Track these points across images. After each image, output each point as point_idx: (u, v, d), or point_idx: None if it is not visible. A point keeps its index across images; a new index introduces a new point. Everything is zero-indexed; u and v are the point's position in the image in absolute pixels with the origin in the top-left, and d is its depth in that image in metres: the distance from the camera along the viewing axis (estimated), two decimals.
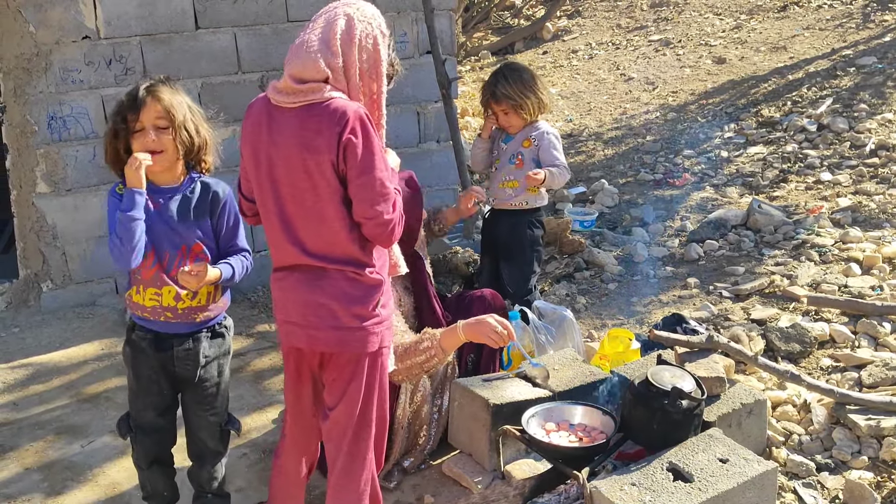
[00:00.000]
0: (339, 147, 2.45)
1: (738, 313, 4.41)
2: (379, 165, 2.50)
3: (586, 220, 5.77)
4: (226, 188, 2.95)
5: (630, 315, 4.61)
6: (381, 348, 2.67)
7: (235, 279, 2.89)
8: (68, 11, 5.05)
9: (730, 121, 7.53)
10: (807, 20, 9.78)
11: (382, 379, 2.73)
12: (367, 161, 2.47)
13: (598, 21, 11.76)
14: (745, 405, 3.31)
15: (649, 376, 3.11)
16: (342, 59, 2.51)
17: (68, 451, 3.86)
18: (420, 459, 3.51)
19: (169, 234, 2.84)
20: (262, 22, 5.46)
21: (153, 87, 2.80)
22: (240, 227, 2.98)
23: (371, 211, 2.50)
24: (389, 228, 2.54)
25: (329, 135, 2.45)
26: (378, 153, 2.50)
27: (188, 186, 2.89)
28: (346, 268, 2.57)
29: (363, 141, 2.47)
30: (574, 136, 8.06)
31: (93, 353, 4.78)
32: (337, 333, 2.59)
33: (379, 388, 2.72)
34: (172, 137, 2.79)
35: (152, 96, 2.78)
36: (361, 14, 2.57)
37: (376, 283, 2.62)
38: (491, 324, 3.14)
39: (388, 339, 2.71)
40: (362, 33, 2.54)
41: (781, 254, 5.02)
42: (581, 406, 3.27)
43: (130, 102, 2.80)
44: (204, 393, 2.97)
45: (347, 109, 2.46)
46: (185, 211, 2.86)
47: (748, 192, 6.11)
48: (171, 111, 2.78)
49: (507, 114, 4.20)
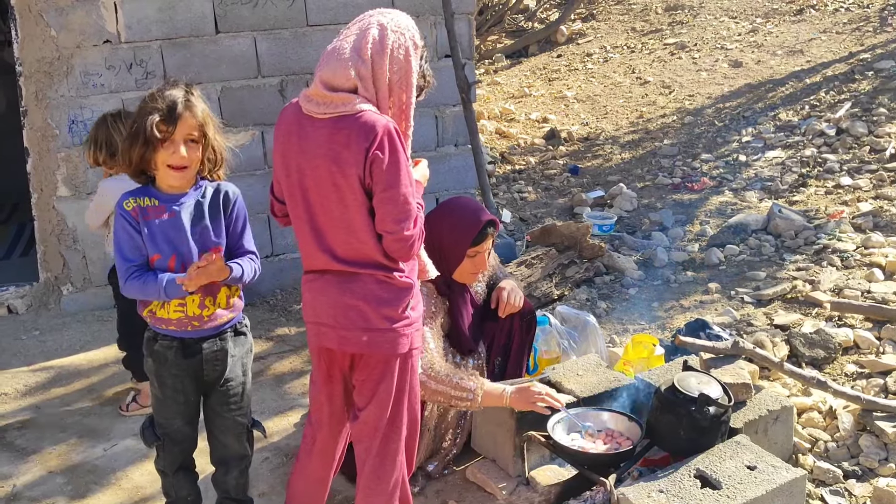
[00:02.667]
0: (366, 162, 2.46)
1: (760, 319, 4.39)
2: (404, 181, 2.50)
3: (605, 224, 5.76)
4: (236, 189, 2.92)
5: (652, 320, 4.59)
6: (412, 350, 2.68)
7: (244, 279, 2.84)
8: (90, 16, 5.07)
9: (747, 125, 7.50)
10: (823, 24, 9.74)
11: (413, 381, 2.73)
12: (392, 176, 2.48)
13: (612, 24, 11.73)
14: (772, 412, 3.29)
15: (676, 382, 3.10)
16: (372, 68, 2.52)
17: (91, 454, 3.87)
18: (444, 464, 3.50)
19: (186, 242, 2.79)
20: (281, 26, 5.46)
21: (189, 101, 2.74)
22: (247, 228, 2.95)
23: (393, 226, 2.51)
24: (409, 244, 2.54)
25: (357, 149, 2.46)
26: (404, 168, 2.51)
27: (199, 191, 2.85)
28: (377, 272, 2.58)
29: (390, 157, 2.47)
30: (590, 139, 8.05)
31: (113, 357, 4.77)
32: (367, 335, 2.60)
33: (410, 390, 2.72)
34: (200, 153, 2.76)
35: (189, 110, 2.72)
36: (395, 24, 2.58)
37: (406, 287, 2.63)
38: (536, 394, 3.13)
39: (418, 342, 2.71)
40: (394, 43, 2.55)
41: (803, 259, 5.00)
42: (607, 412, 3.26)
43: (167, 113, 2.70)
44: (230, 393, 2.95)
45: (377, 124, 2.47)
46: (200, 215, 2.82)
47: (767, 196, 6.09)
48: (204, 127, 2.75)
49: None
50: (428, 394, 3.13)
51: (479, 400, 3.14)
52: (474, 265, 3.41)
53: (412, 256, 2.61)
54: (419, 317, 2.71)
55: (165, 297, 2.73)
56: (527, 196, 6.79)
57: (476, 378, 3.18)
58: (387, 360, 2.64)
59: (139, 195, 2.78)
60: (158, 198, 2.78)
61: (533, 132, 8.48)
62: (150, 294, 2.74)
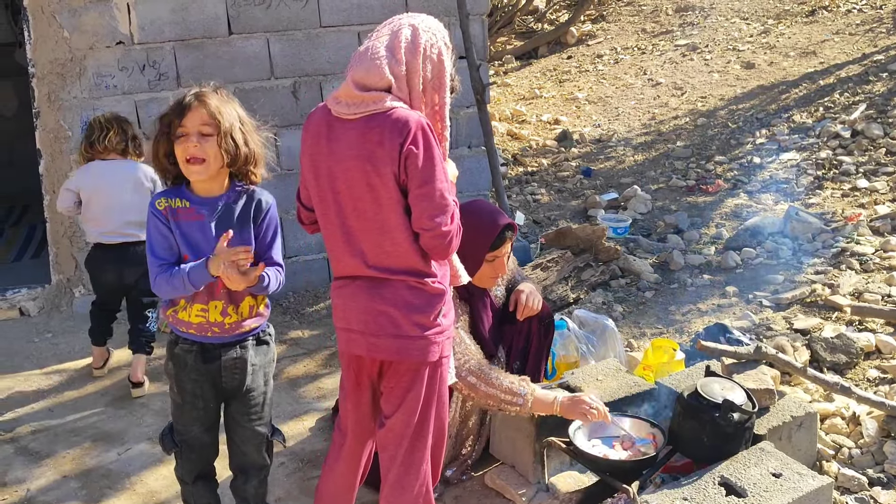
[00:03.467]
0: (401, 158, 2.43)
1: (779, 323, 4.34)
2: (439, 176, 2.46)
3: (620, 226, 5.72)
4: (270, 198, 2.87)
5: (669, 324, 4.55)
6: (442, 358, 2.63)
7: (269, 290, 2.79)
8: (103, 17, 5.05)
9: (761, 126, 7.45)
10: (836, 25, 9.68)
11: (442, 389, 2.69)
12: (427, 172, 2.44)
13: (622, 26, 11.69)
14: (796, 418, 3.24)
15: (699, 388, 3.05)
16: (406, 67, 2.49)
17: (105, 458, 3.84)
18: (462, 470, 3.46)
19: (211, 246, 2.73)
20: (294, 27, 5.44)
21: (201, 93, 2.73)
22: (277, 240, 2.89)
23: (430, 222, 2.47)
24: (447, 240, 2.50)
25: (391, 146, 2.43)
26: (439, 164, 2.47)
27: (231, 196, 2.81)
28: (409, 278, 2.54)
29: (424, 151, 2.44)
30: (603, 141, 8.00)
31: (125, 360, 4.75)
32: (397, 342, 2.56)
33: (438, 399, 2.68)
34: (217, 144, 2.71)
35: (199, 101, 2.70)
36: (426, 25, 2.57)
37: (438, 293, 2.59)
38: (587, 404, 3.09)
39: (448, 350, 2.67)
40: (427, 43, 2.52)
41: (821, 262, 4.95)
42: (629, 418, 3.21)
43: (176, 106, 2.72)
44: (251, 402, 2.91)
45: (409, 119, 2.44)
46: (229, 221, 2.78)
47: (783, 198, 6.04)
48: (216, 117, 2.69)
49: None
50: (479, 397, 3.12)
51: (530, 405, 3.11)
52: (493, 269, 3.38)
53: (451, 253, 2.57)
54: (451, 324, 2.66)
55: (191, 285, 2.68)
56: (540, 198, 6.75)
57: (527, 383, 3.15)
58: (416, 367, 2.60)
59: (171, 196, 2.76)
60: (190, 199, 2.76)
61: (545, 134, 8.45)
62: (177, 286, 2.69)
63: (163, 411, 4.18)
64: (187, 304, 2.78)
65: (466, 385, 3.13)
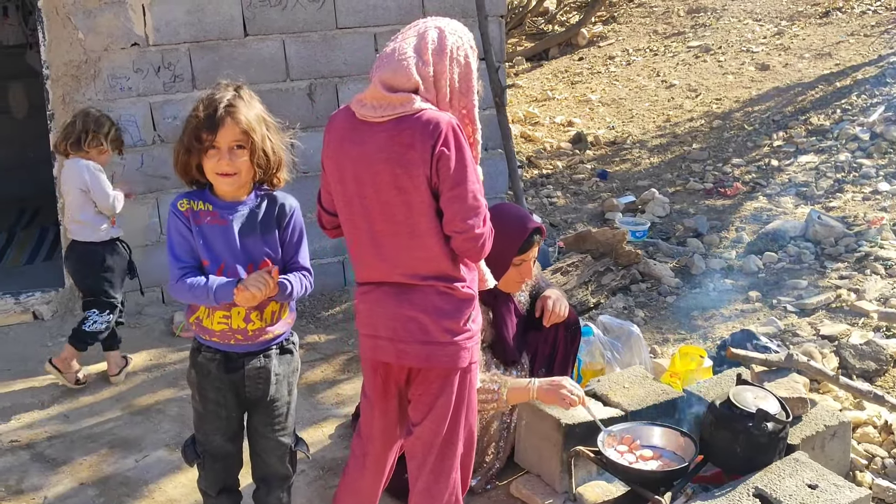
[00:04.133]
0: (433, 160, 2.38)
1: (805, 329, 4.28)
2: (471, 178, 2.42)
3: (638, 230, 5.65)
4: (293, 202, 2.79)
5: (692, 329, 4.48)
6: (471, 364, 2.59)
7: (293, 297, 2.73)
8: (118, 18, 5.00)
9: (777, 129, 7.38)
10: (851, 26, 9.60)
11: (471, 395, 2.64)
12: (459, 174, 2.40)
13: (634, 27, 11.62)
14: (829, 427, 3.18)
15: (731, 397, 2.99)
16: (433, 69, 2.44)
17: (122, 465, 3.79)
18: (487, 479, 3.40)
19: (235, 252, 2.69)
20: (310, 29, 5.39)
21: (232, 106, 2.61)
22: (303, 244, 2.82)
23: (462, 225, 2.41)
24: (480, 243, 2.45)
25: (422, 148, 2.38)
26: (470, 166, 2.43)
27: (255, 201, 2.74)
28: (438, 283, 2.49)
29: (456, 153, 2.39)
30: (618, 143, 7.94)
31: (141, 364, 4.71)
32: (427, 348, 2.51)
33: (468, 405, 2.63)
34: (249, 159, 2.64)
35: (231, 116, 2.60)
36: (452, 28, 2.53)
37: (468, 298, 2.54)
38: (564, 389, 3.06)
39: (477, 355, 2.62)
40: (454, 45, 2.48)
41: (845, 266, 4.88)
42: (659, 427, 3.15)
43: (208, 120, 2.61)
44: (275, 413, 2.85)
45: (441, 121, 2.38)
46: (252, 226, 2.71)
47: (803, 202, 5.97)
48: (249, 133, 2.62)
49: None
50: None
51: (505, 397, 3.08)
52: (520, 273, 3.32)
53: (483, 256, 2.52)
54: (479, 329, 2.61)
55: (214, 302, 2.63)
56: (556, 201, 6.69)
57: (498, 377, 3.12)
58: (446, 374, 2.54)
59: (194, 198, 2.70)
60: (213, 203, 2.69)
61: (558, 136, 8.39)
62: (198, 297, 2.64)
63: (180, 417, 4.13)
64: (209, 310, 2.72)
65: None
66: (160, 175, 5.21)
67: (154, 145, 5.20)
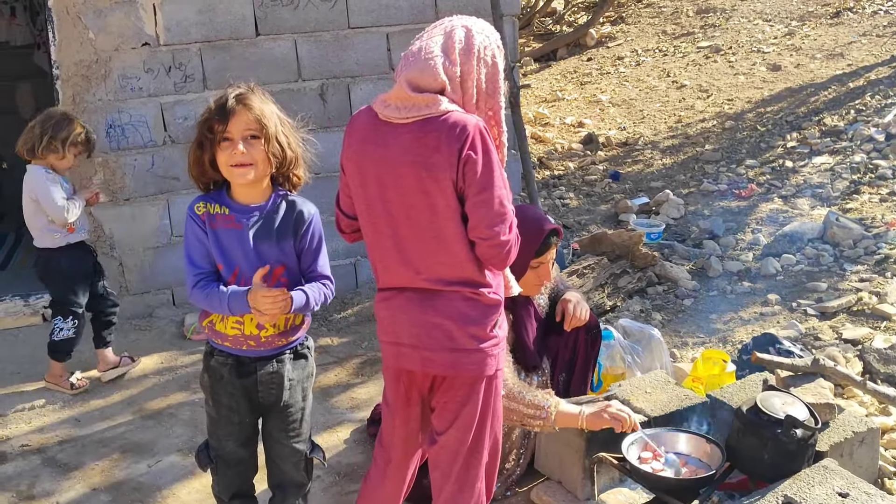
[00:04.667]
0: (460, 163, 2.30)
1: (827, 332, 4.21)
2: (498, 183, 2.35)
3: (653, 231, 5.59)
4: (312, 209, 2.72)
5: (711, 333, 4.42)
6: (497, 371, 2.52)
7: (310, 307, 2.65)
8: (128, 17, 4.95)
9: (791, 130, 7.31)
10: (862, 26, 9.53)
11: (496, 403, 2.57)
12: (486, 178, 2.32)
13: (642, 27, 11.56)
14: (857, 433, 3.11)
15: (759, 403, 2.93)
16: (460, 70, 2.37)
17: (135, 470, 3.73)
18: (507, 485, 3.35)
19: (249, 257, 2.62)
20: (322, 28, 5.33)
21: (243, 96, 2.59)
22: (322, 251, 2.75)
23: (488, 231, 2.34)
24: (505, 250, 2.38)
25: (448, 151, 2.30)
26: (497, 170, 2.35)
27: (272, 205, 2.68)
28: (464, 289, 2.42)
29: (483, 157, 2.31)
30: (629, 144, 7.87)
31: (152, 367, 4.66)
32: (452, 355, 2.44)
33: (493, 414, 2.56)
34: (264, 150, 2.59)
35: (243, 105, 2.56)
36: (479, 27, 2.45)
37: (494, 304, 2.47)
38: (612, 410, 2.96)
39: (503, 362, 2.56)
40: (481, 45, 2.41)
41: (864, 269, 4.82)
42: (684, 433, 3.09)
43: (219, 111, 2.58)
44: (289, 419, 2.79)
45: (468, 123, 2.31)
46: (268, 232, 2.65)
47: (819, 203, 5.90)
48: (262, 121, 2.57)
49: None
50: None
51: (553, 418, 2.95)
52: (538, 276, 3.25)
53: (508, 263, 2.45)
54: (505, 336, 2.55)
55: (229, 312, 2.58)
56: (569, 202, 6.63)
57: (551, 396, 3.00)
58: (472, 382, 2.48)
59: (211, 201, 2.65)
60: (230, 206, 2.64)
61: (569, 137, 8.32)
62: (214, 306, 2.59)
63: (192, 421, 4.08)
64: (223, 315, 2.66)
65: None
66: (171, 176, 5.16)
67: (165, 146, 5.15)
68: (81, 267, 4.32)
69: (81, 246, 4.33)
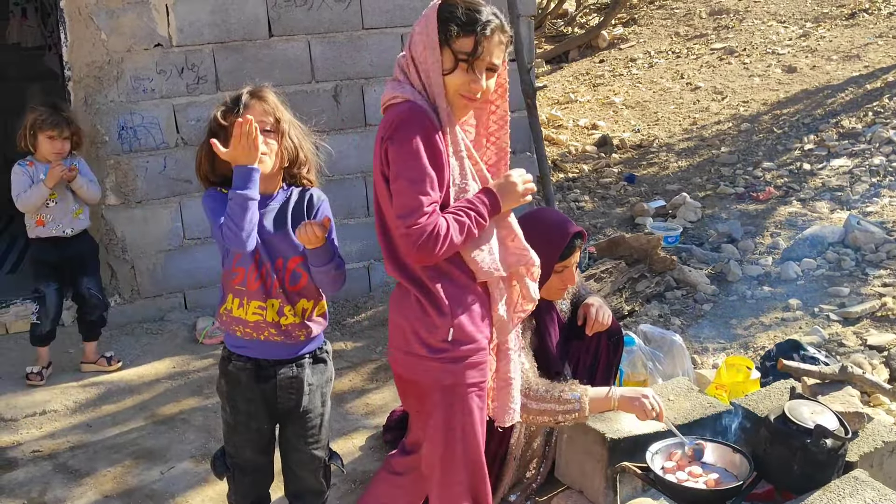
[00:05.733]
0: (382, 153, 2.29)
1: (850, 338, 4.13)
2: (409, 174, 2.21)
3: (670, 235, 5.51)
4: (321, 195, 2.71)
5: (731, 339, 4.34)
6: (459, 386, 2.38)
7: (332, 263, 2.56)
8: (141, 18, 4.91)
9: (808, 132, 7.22)
10: (878, 28, 9.44)
11: (466, 421, 2.43)
12: (397, 166, 2.23)
13: (655, 29, 11.48)
14: (888, 443, 3.04)
15: (787, 412, 2.85)
16: (408, 52, 2.33)
17: (147, 477, 3.67)
18: (527, 495, 3.28)
19: (265, 246, 2.58)
20: (336, 29, 5.28)
21: (258, 89, 2.59)
22: (332, 235, 2.65)
23: (395, 221, 2.26)
24: (412, 241, 2.21)
25: (378, 141, 2.31)
26: (412, 159, 2.21)
27: (284, 195, 2.66)
28: (413, 288, 2.35)
29: (398, 144, 2.22)
30: (644, 147, 7.79)
31: (164, 372, 4.61)
32: (408, 359, 2.40)
33: (464, 431, 2.43)
34: (277, 142, 2.55)
35: (257, 98, 2.56)
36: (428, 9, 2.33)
37: (447, 312, 2.34)
38: (647, 400, 2.89)
39: (475, 378, 2.41)
40: (416, 25, 2.32)
41: (888, 273, 4.73)
42: (710, 442, 3.01)
43: (232, 104, 2.56)
44: (308, 425, 2.74)
45: (396, 110, 2.26)
46: (283, 220, 2.62)
47: (839, 206, 5.82)
48: (276, 114, 2.56)
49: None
50: (531, 416, 2.90)
51: (587, 408, 2.87)
52: (562, 280, 3.19)
53: (425, 259, 2.26)
54: (477, 351, 2.40)
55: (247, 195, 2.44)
56: (584, 205, 6.55)
57: (577, 385, 2.93)
58: (429, 392, 2.40)
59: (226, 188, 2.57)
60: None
61: (583, 139, 8.25)
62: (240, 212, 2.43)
63: (205, 427, 4.03)
64: (243, 300, 2.61)
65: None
66: (183, 178, 5.10)
67: (177, 148, 5.10)
68: (44, 260, 4.42)
69: (52, 241, 4.36)
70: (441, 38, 2.25)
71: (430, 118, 2.26)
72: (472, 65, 2.27)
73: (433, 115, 2.28)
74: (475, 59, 2.26)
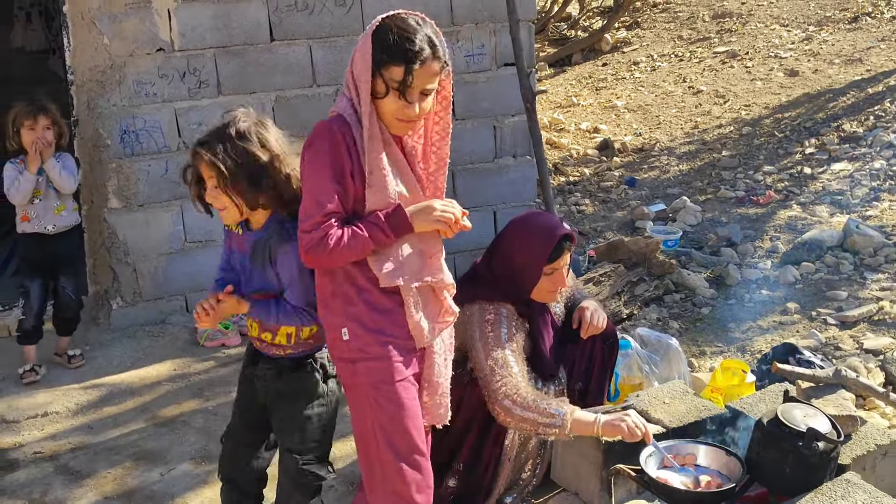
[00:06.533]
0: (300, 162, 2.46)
1: (847, 342, 4.14)
2: (310, 186, 2.36)
3: (670, 239, 5.53)
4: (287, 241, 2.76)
5: (729, 342, 4.36)
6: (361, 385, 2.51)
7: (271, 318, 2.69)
8: (143, 23, 4.94)
9: (809, 136, 7.24)
10: (881, 31, 9.45)
11: (379, 421, 2.51)
12: (303, 177, 2.40)
13: (658, 32, 11.50)
14: (881, 446, 3.05)
15: (780, 415, 2.87)
16: (350, 67, 2.38)
17: (147, 478, 3.71)
18: (522, 497, 3.30)
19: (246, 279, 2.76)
20: (337, 34, 5.31)
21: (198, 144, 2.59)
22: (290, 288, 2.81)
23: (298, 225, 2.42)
24: (303, 245, 2.38)
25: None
26: (314, 173, 2.34)
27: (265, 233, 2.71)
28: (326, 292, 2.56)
29: (306, 154, 2.37)
30: (645, 150, 7.82)
31: (166, 374, 4.64)
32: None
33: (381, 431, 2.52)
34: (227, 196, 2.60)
35: (196, 156, 2.61)
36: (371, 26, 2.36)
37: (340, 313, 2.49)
38: (630, 421, 2.89)
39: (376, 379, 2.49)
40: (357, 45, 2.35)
41: (886, 277, 4.74)
42: (703, 445, 3.03)
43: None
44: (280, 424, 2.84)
45: (319, 124, 2.38)
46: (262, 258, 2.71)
47: (838, 210, 5.83)
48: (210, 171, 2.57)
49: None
50: (514, 421, 2.92)
51: (569, 427, 2.89)
52: (552, 283, 3.20)
53: (314, 262, 2.43)
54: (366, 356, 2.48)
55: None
56: (584, 209, 6.58)
57: (566, 404, 2.95)
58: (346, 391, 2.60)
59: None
60: (245, 229, 2.75)
61: (584, 142, 8.27)
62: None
63: (205, 429, 4.06)
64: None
65: (501, 409, 2.95)
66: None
67: (179, 152, 5.13)
68: (28, 256, 4.52)
69: (35, 237, 4.44)
70: (374, 62, 2.27)
71: (350, 133, 2.33)
72: (403, 93, 2.28)
73: (359, 130, 2.32)
74: (406, 87, 2.27)
